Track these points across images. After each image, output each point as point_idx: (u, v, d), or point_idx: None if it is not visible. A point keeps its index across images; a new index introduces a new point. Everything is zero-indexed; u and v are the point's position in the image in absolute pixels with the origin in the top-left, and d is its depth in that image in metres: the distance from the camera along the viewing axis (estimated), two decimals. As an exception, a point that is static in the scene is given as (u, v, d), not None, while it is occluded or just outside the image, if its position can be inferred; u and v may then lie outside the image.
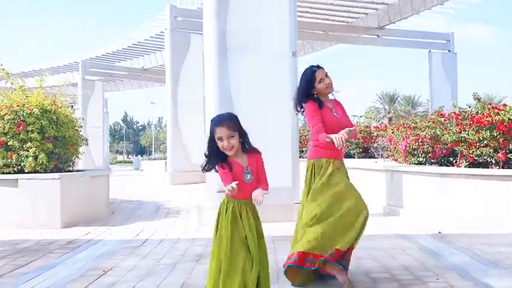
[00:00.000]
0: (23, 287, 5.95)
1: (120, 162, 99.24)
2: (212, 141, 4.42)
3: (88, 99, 32.35)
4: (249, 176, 4.45)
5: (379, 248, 7.65)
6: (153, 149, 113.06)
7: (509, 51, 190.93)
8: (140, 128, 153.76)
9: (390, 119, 73.36)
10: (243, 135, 4.43)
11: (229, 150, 4.38)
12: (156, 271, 6.59)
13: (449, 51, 31.16)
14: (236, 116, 4.46)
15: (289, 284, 5.77)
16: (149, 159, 49.10)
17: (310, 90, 5.98)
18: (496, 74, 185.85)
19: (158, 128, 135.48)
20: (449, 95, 28.91)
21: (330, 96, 6.15)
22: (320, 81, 5.94)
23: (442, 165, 11.25)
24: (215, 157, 4.45)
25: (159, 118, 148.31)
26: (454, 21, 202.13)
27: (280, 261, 6.72)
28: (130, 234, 9.75)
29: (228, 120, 4.38)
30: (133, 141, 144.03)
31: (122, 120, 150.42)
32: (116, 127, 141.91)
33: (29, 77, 28.61)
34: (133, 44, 37.37)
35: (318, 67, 6.01)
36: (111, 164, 69.20)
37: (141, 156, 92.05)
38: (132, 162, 74.10)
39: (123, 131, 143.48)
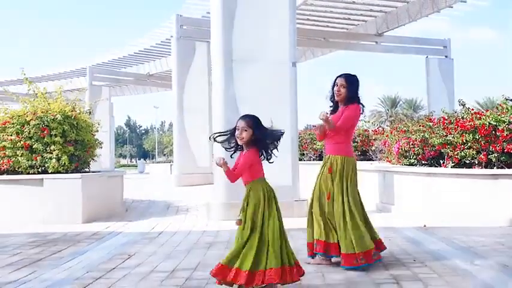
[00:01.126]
0: (63, 267, 7.07)
1: (123, 165, 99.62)
2: (234, 130, 5.59)
3: (95, 104, 33.12)
4: None
5: None
6: (156, 153, 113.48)
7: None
8: (143, 132, 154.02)
9: (392, 123, 73.44)
10: (257, 135, 5.56)
11: (240, 139, 5.54)
12: (174, 255, 7.71)
13: (446, 56, 32.01)
14: (257, 119, 5.61)
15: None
16: (153, 163, 49.82)
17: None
18: (499, 77, 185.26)
19: (161, 132, 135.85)
20: (446, 99, 29.65)
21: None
22: (336, 86, 7.03)
23: (431, 166, 12.03)
24: (231, 137, 5.66)
25: (162, 122, 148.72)
26: (456, 25, 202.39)
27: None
28: (147, 227, 10.86)
29: (247, 117, 5.58)
30: (136, 145, 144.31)
31: (125, 124, 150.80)
32: (119, 131, 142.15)
33: (39, 82, 29.45)
34: (139, 51, 38.35)
35: (341, 76, 7.07)
36: (115, 168, 69.63)
37: (145, 160, 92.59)
38: (136, 166, 74.43)
39: (127, 135, 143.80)
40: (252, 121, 5.57)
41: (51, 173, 12.02)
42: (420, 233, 9.19)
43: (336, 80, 7.05)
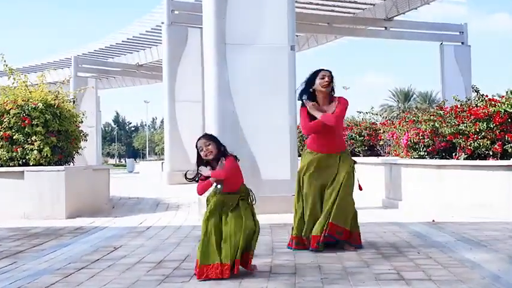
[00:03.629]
0: (45, 258, 7.25)
1: (112, 165, 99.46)
2: (197, 157, 6.21)
3: (81, 97, 33.11)
4: (218, 185, 6.20)
5: (370, 231, 8.78)
6: (146, 152, 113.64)
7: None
8: (133, 129, 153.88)
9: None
10: (218, 145, 6.13)
11: (209, 154, 6.08)
12: (162, 248, 7.89)
13: (462, 43, 31.61)
14: (211, 135, 6.27)
15: (282, 258, 7.10)
16: (144, 161, 49.93)
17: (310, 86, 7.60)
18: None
19: (152, 129, 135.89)
20: (463, 89, 28.33)
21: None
22: (322, 77, 7.51)
23: (442, 159, 12.06)
24: (200, 163, 6.24)
25: (153, 118, 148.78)
26: (474, 11, 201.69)
27: (275, 241, 8.23)
28: (134, 222, 11.06)
29: (203, 137, 6.19)
30: (125, 143, 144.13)
31: (114, 120, 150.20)
32: (106, 128, 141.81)
33: (22, 73, 29.48)
34: (128, 39, 38.49)
35: (328, 71, 7.63)
36: (102, 166, 69.06)
37: (135, 159, 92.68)
38: (125, 166, 74.35)
39: (115, 133, 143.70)
40: (209, 136, 6.20)
41: (32, 165, 12.18)
42: (428, 228, 9.31)
43: (320, 71, 7.62)
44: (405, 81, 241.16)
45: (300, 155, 8.75)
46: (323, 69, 7.61)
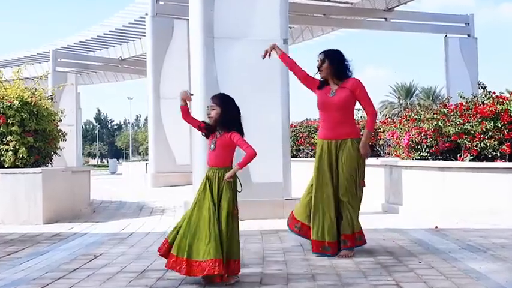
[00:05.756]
0: (20, 267, 7.23)
1: (93, 166, 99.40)
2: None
3: (60, 93, 32.73)
4: (212, 146, 6.36)
5: (368, 239, 8.42)
6: (130, 152, 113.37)
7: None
8: (115, 127, 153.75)
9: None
10: (224, 114, 6.25)
11: (209, 118, 6.35)
12: (145, 256, 7.88)
13: (468, 35, 31.51)
14: (227, 97, 6.46)
15: (272, 267, 7.11)
16: (127, 162, 49.82)
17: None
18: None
19: (136, 128, 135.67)
20: (469, 84, 28.22)
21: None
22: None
23: (446, 160, 11.98)
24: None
25: (137, 116, 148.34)
26: (480, 1, 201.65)
27: (266, 249, 8.15)
28: (116, 228, 11.03)
29: (217, 95, 6.50)
30: (107, 142, 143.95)
31: (95, 118, 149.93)
32: (87, 126, 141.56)
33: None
34: (109, 31, 38.16)
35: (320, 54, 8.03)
36: (83, 168, 68.91)
37: (117, 159, 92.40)
38: (107, 166, 74.18)
39: (96, 131, 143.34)
40: (222, 99, 6.34)
41: (7, 167, 12.17)
42: (430, 235, 9.26)
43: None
44: (407, 76, 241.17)
45: (293, 156, 8.85)
46: (320, 53, 8.01)
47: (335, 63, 7.83)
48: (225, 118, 6.22)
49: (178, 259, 5.94)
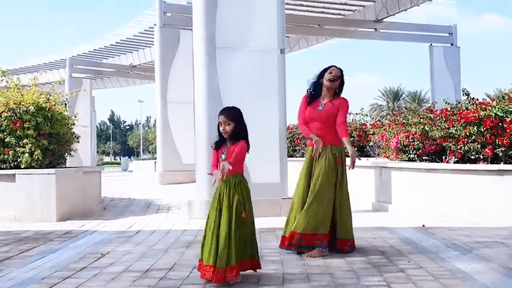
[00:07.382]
0: (31, 266, 7.04)
1: (107, 163, 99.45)
2: (218, 126, 6.15)
3: (75, 97, 32.67)
4: (223, 156, 6.13)
5: (359, 237, 8.42)
6: (141, 150, 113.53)
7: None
8: (128, 127, 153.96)
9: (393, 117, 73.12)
10: (237, 128, 6.11)
11: (224, 133, 6.10)
12: (149, 254, 7.67)
13: (452, 44, 31.30)
14: (238, 110, 6.18)
15: (269, 267, 6.91)
16: (138, 160, 49.85)
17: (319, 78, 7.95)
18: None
19: (146, 128, 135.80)
20: (452, 91, 28.36)
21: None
22: (330, 72, 7.83)
23: (432, 162, 11.96)
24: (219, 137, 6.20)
25: (148, 117, 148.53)
26: (463, 12, 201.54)
27: (264, 248, 7.89)
28: (124, 226, 10.85)
29: (229, 110, 6.17)
30: (120, 141, 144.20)
31: (109, 119, 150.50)
32: (102, 127, 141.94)
33: (16, 74, 29.34)
34: (121, 40, 38.33)
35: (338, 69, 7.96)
36: (97, 165, 69.32)
37: (129, 157, 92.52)
38: (120, 164, 74.29)
39: (110, 131, 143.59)
40: (234, 114, 6.11)
41: (24, 168, 12.00)
42: (418, 234, 9.07)
43: (331, 66, 7.96)
44: (395, 81, 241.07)
45: (290, 155, 8.80)
46: (334, 66, 7.93)
47: (343, 84, 7.98)
48: (237, 131, 6.12)
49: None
